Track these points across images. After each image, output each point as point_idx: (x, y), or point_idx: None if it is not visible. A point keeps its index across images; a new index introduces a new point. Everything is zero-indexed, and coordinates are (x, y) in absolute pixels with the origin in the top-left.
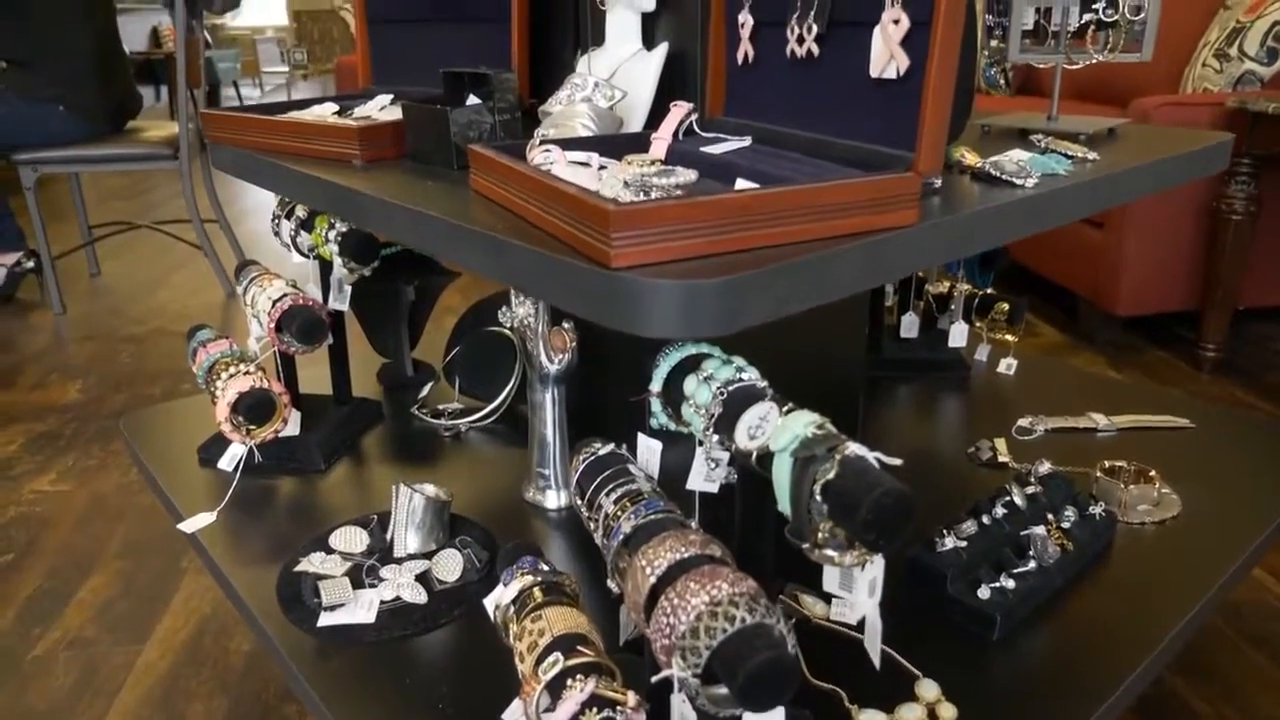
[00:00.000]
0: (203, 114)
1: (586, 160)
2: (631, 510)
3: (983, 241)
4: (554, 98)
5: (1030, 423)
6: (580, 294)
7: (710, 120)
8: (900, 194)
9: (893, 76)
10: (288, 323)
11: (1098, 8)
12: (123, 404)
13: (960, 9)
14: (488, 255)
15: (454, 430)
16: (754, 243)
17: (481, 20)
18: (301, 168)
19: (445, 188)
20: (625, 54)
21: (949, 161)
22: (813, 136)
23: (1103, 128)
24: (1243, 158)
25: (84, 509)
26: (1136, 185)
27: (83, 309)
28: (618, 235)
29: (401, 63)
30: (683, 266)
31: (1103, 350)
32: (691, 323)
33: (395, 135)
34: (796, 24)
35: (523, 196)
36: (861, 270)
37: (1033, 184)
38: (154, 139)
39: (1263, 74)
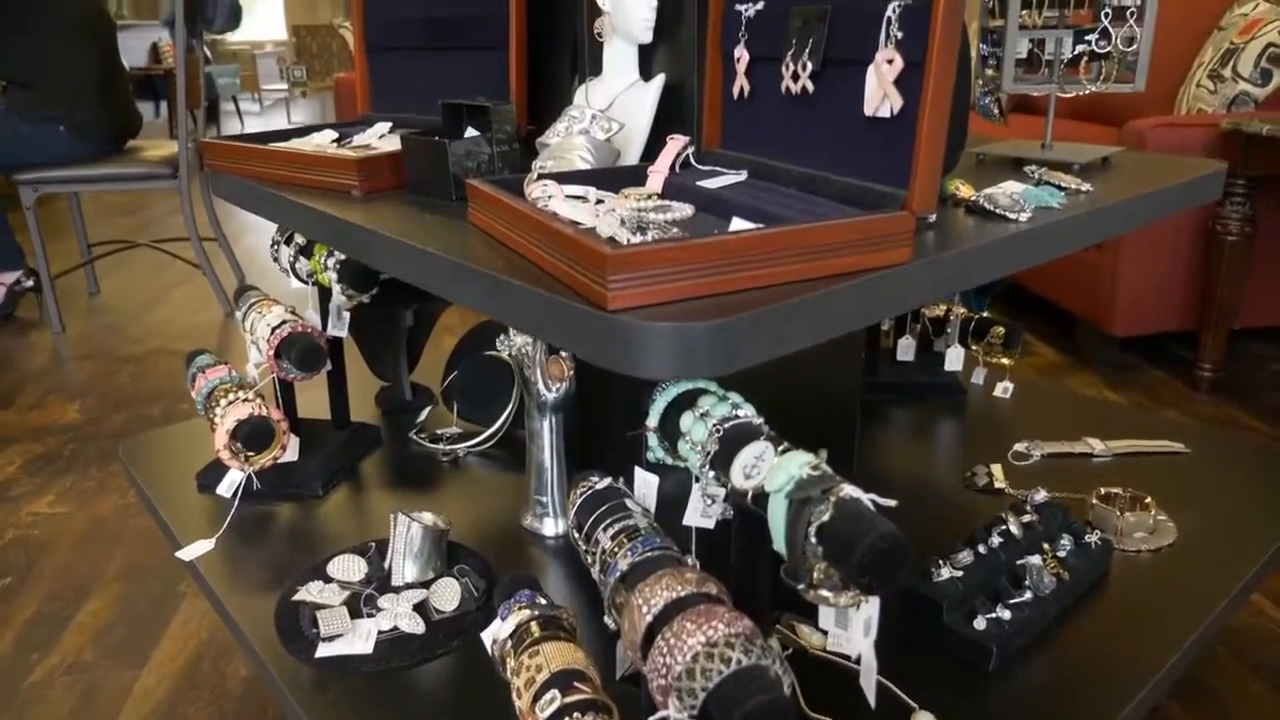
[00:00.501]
0: (203, 143)
1: (584, 194)
2: (628, 546)
3: (977, 277)
4: (552, 129)
5: (1026, 448)
6: (577, 334)
7: (706, 153)
8: (894, 233)
9: (886, 115)
10: (286, 350)
11: (1091, 39)
12: (122, 424)
13: (953, 51)
14: (486, 293)
15: (452, 455)
16: (749, 283)
17: (480, 49)
18: (301, 198)
19: (444, 221)
20: (622, 85)
21: (943, 194)
22: (808, 172)
23: (1096, 157)
24: (1237, 179)
25: (82, 531)
26: (1130, 218)
27: (81, 328)
28: (615, 278)
29: (400, 89)
30: (679, 308)
31: (1100, 370)
32: (687, 365)
33: (394, 166)
34: (791, 61)
35: (521, 234)
36: (855, 309)
37: (1026, 218)
38: (153, 159)
39: (1257, 95)
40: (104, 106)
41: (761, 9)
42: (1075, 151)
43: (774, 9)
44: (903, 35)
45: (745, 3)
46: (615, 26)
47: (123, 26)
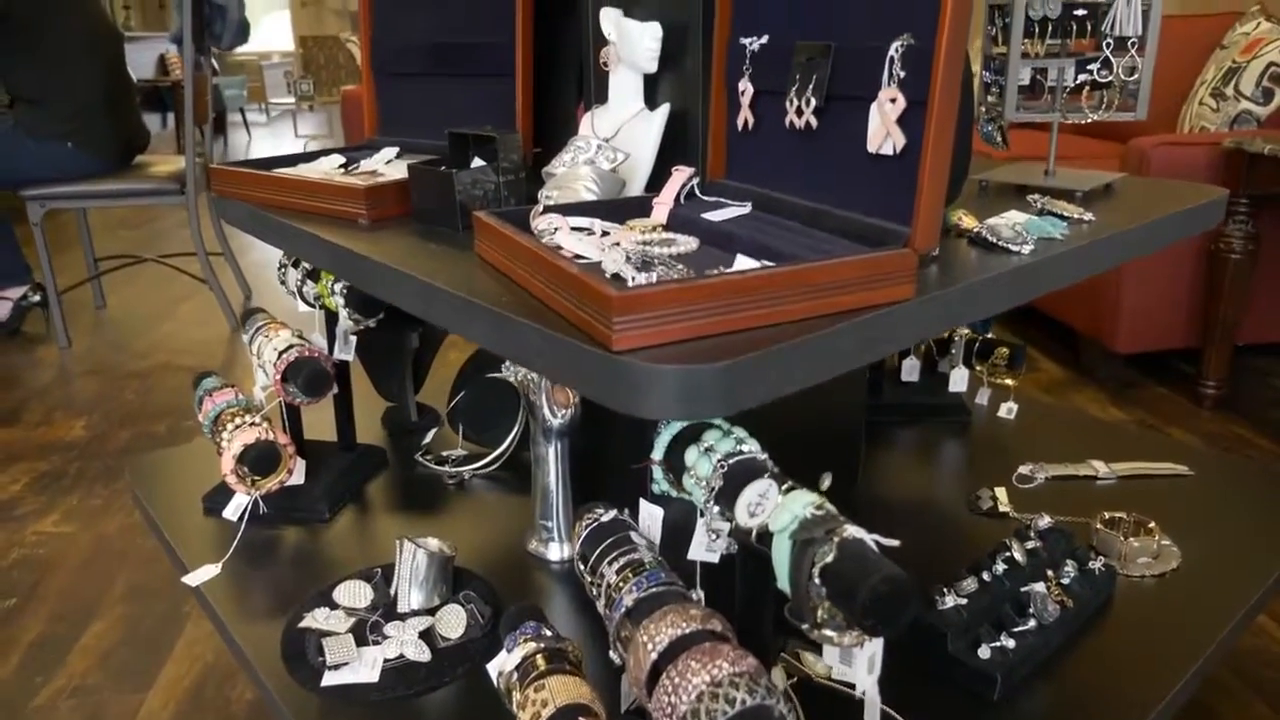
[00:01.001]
0: (210, 169)
1: (589, 226)
2: (634, 581)
3: (979, 311)
4: (558, 159)
5: (1030, 470)
6: (582, 374)
7: (711, 183)
8: (897, 271)
9: (890, 153)
10: (293, 374)
11: (1093, 68)
12: (127, 441)
13: (955, 91)
14: (491, 330)
15: (458, 478)
16: (753, 322)
17: (486, 76)
18: (308, 226)
19: (450, 252)
20: (628, 113)
21: (946, 224)
22: (811, 206)
23: (1099, 184)
24: (1240, 197)
25: (87, 551)
26: (1132, 247)
27: (87, 342)
28: (620, 319)
29: (407, 113)
30: (683, 349)
31: (1104, 386)
32: (692, 407)
33: (400, 194)
34: (795, 96)
35: (527, 270)
36: (858, 347)
37: (1029, 250)
38: (161, 174)
39: (1259, 113)
40: (111, 122)
41: (766, 43)
42: (1077, 179)
43: (778, 44)
44: (905, 74)
45: (749, 36)
46: (621, 56)
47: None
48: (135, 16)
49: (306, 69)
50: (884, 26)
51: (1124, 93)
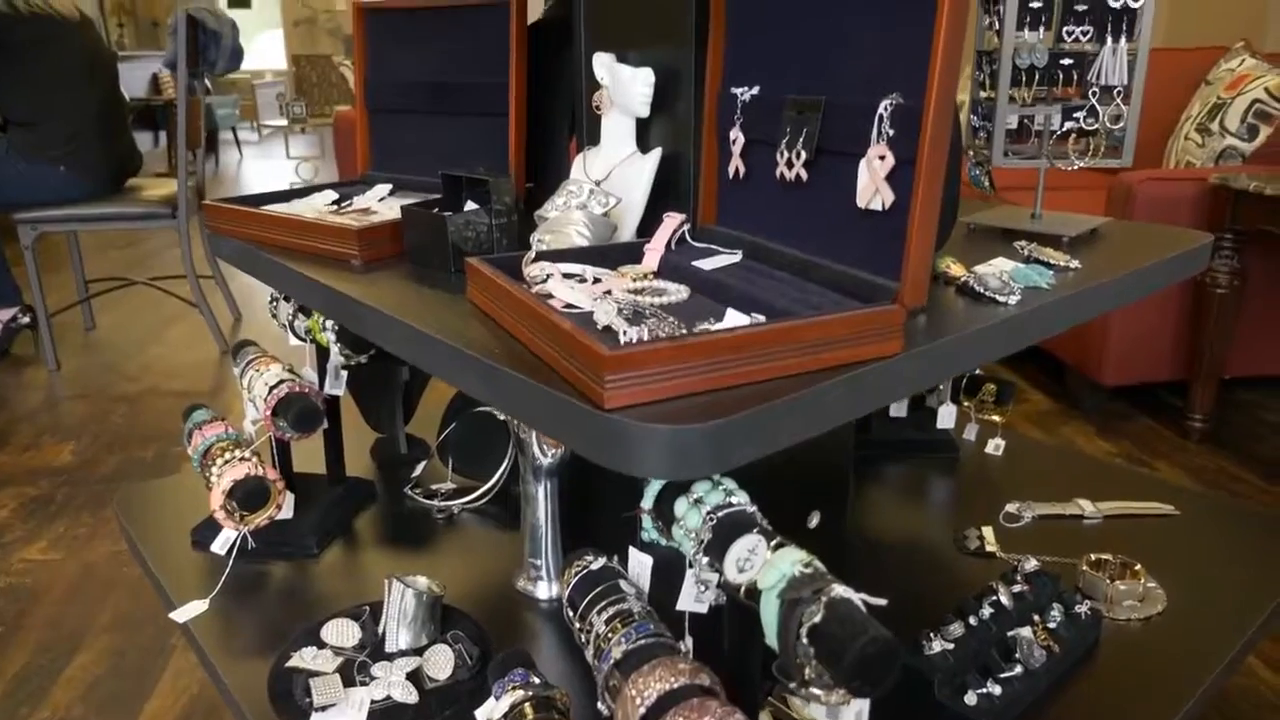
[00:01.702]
0: (205, 205)
1: (581, 273)
2: (622, 633)
3: (966, 364)
4: (550, 202)
5: (1018, 509)
6: (573, 430)
7: (702, 229)
8: (886, 327)
9: (879, 209)
10: (284, 410)
11: (1079, 116)
12: (115, 467)
13: (943, 150)
14: (483, 381)
15: (446, 512)
16: (743, 379)
17: (480, 115)
18: (302, 266)
19: (442, 297)
20: (620, 156)
21: (934, 272)
22: (801, 256)
23: (1085, 228)
24: (1225, 233)
25: (74, 580)
26: (1117, 295)
27: (77, 365)
28: (611, 378)
29: (401, 149)
30: (673, 406)
31: (1091, 418)
32: (682, 467)
33: (393, 235)
34: (786, 148)
35: (519, 320)
36: (847, 403)
37: (1015, 301)
38: (153, 198)
39: (1244, 149)
40: (104, 147)
41: (757, 94)
42: (1064, 223)
43: (769, 95)
44: (894, 133)
45: (741, 87)
46: (613, 100)
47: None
48: (129, 34)
49: (299, 88)
50: (874, 84)
51: (1110, 139)
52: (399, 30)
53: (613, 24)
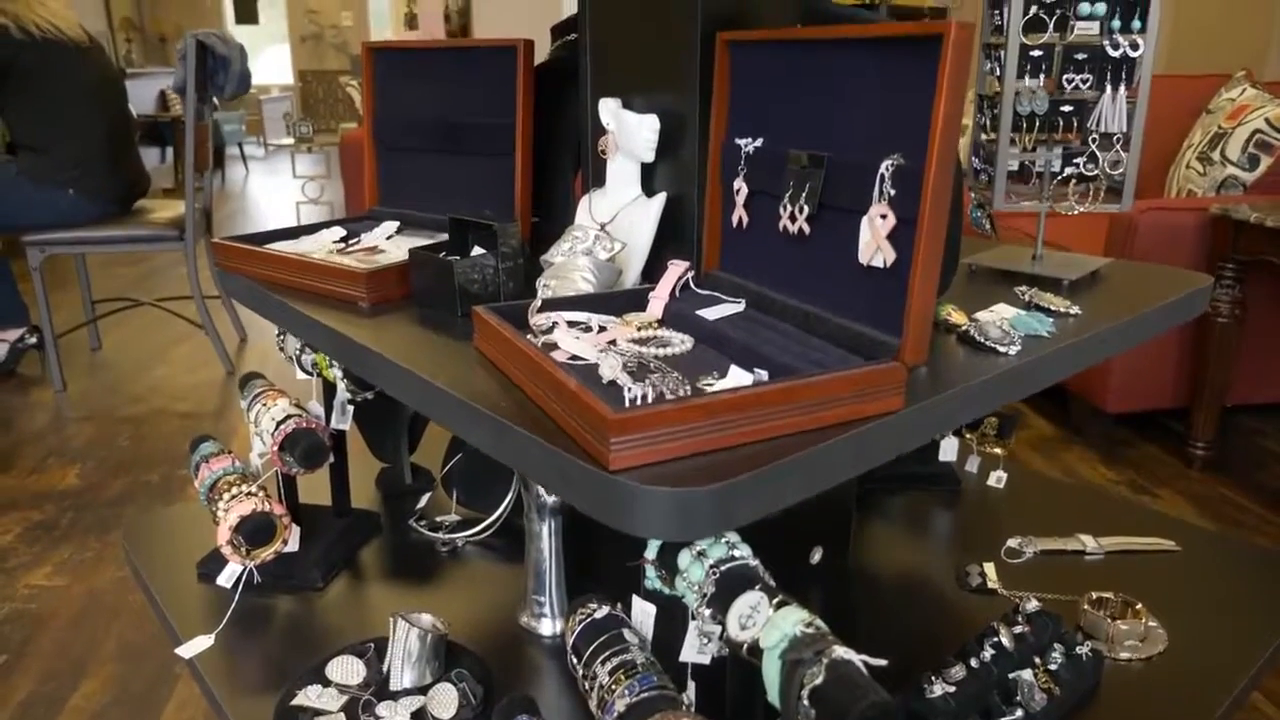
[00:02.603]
0: (214, 244)
1: (586, 322)
2: (625, 685)
3: (967, 416)
4: (556, 247)
5: (1019, 544)
6: (578, 490)
7: (706, 275)
8: (887, 384)
9: (880, 266)
10: (291, 445)
11: (1079, 161)
12: (121, 491)
13: (944, 211)
14: (490, 435)
15: (451, 545)
16: (746, 438)
17: (487, 154)
18: (310, 307)
19: (450, 344)
20: (625, 199)
21: (935, 319)
22: (804, 308)
23: (1085, 271)
24: (1227, 263)
25: (79, 606)
26: (1117, 342)
27: (83, 385)
28: (617, 440)
29: (408, 186)
30: (678, 467)
31: (1094, 445)
32: (686, 528)
33: (401, 277)
34: (789, 202)
35: (526, 374)
36: (849, 461)
37: (1015, 351)
38: (160, 220)
39: (1245, 179)
40: (112, 170)
41: (760, 146)
42: (1064, 264)
43: (773, 148)
44: (895, 192)
45: (745, 138)
46: (619, 145)
47: (132, 74)
48: (136, 50)
49: (305, 103)
50: (875, 143)
51: (1109, 184)
52: (408, 69)
53: (618, 69)
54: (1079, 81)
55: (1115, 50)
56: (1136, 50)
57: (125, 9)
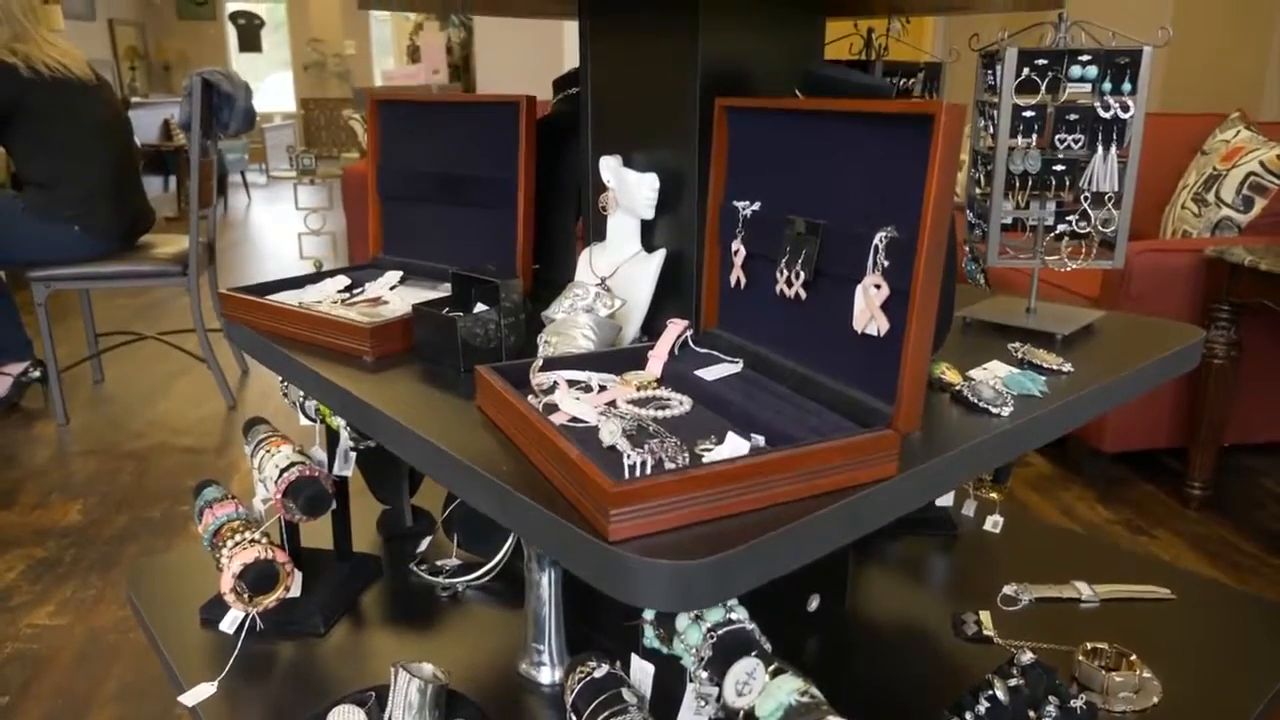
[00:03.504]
0: (221, 294)
1: (586, 381)
2: None
3: (960, 479)
4: (557, 304)
5: (1015, 591)
6: (578, 558)
7: (705, 333)
8: (881, 451)
9: (874, 334)
10: (294, 494)
11: (1071, 219)
12: (123, 527)
13: (936, 282)
14: (493, 500)
15: (451, 590)
16: (743, 507)
17: (489, 206)
18: (315, 360)
19: (453, 402)
20: (625, 254)
21: (930, 378)
22: (800, 371)
23: (1079, 325)
24: (1222, 304)
25: (81, 646)
26: (1109, 399)
27: (85, 419)
28: (617, 512)
29: (411, 235)
30: (676, 538)
31: (1091, 484)
32: (684, 599)
33: (404, 331)
34: (785, 267)
35: (527, 439)
36: (843, 528)
37: (1008, 413)
38: (164, 256)
39: (1239, 220)
40: (118, 206)
41: (758, 210)
42: (1058, 318)
43: (770, 213)
44: (889, 263)
45: (743, 201)
46: (619, 201)
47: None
48: (140, 78)
49: (308, 130)
50: (869, 214)
51: (1102, 242)
52: (412, 121)
53: (619, 125)
54: (1071, 141)
55: (1106, 112)
56: (1127, 112)
57: (130, 38)
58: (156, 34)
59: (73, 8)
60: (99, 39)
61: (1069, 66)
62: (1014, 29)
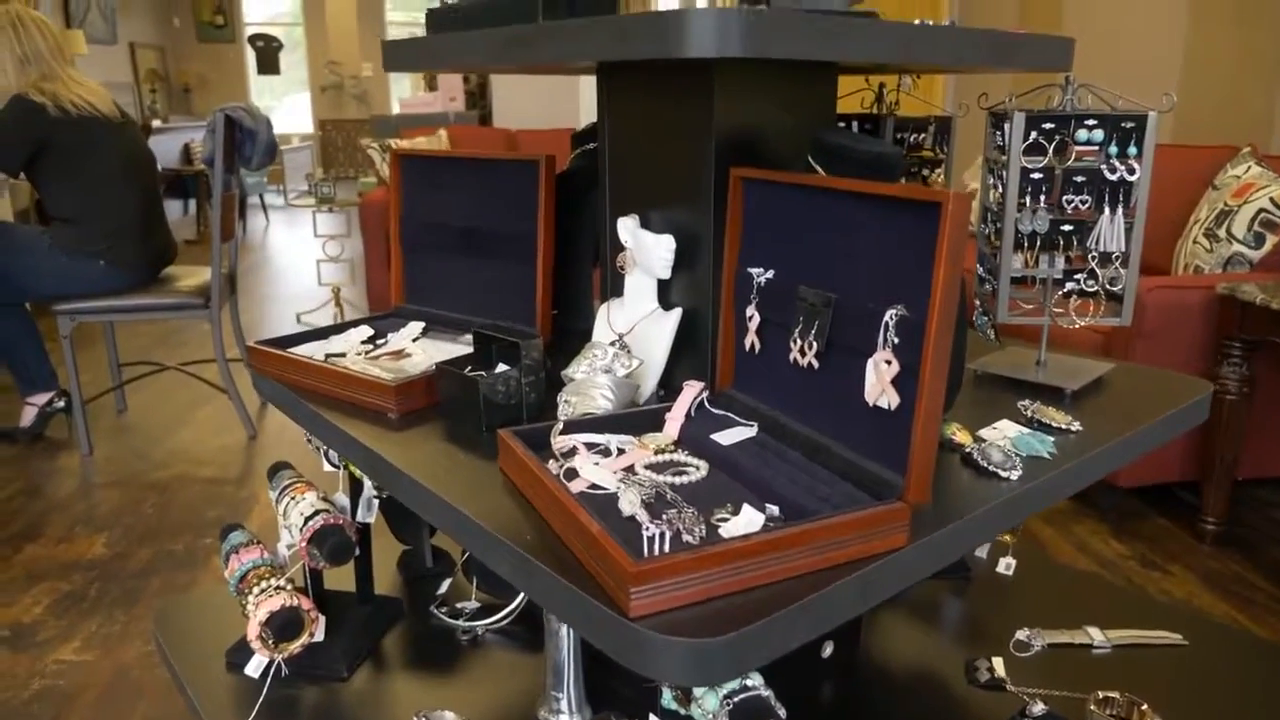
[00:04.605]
0: (249, 348)
1: (605, 444)
2: None
3: (969, 545)
4: (576, 364)
5: (1028, 637)
6: (599, 631)
7: (720, 393)
8: (891, 524)
9: (885, 407)
10: (319, 542)
11: (1079, 278)
12: (146, 561)
13: (945, 359)
14: (516, 568)
15: (471, 633)
16: (758, 581)
17: (509, 259)
18: (340, 418)
19: (476, 464)
20: (642, 312)
21: (940, 439)
22: (813, 438)
23: (1088, 379)
24: (1234, 341)
25: (106, 683)
26: (1117, 459)
27: (108, 450)
28: (637, 590)
29: (433, 286)
30: (694, 613)
31: (1105, 518)
32: (702, 674)
33: (428, 387)
34: (799, 336)
35: (549, 508)
36: (856, 599)
37: (1017, 477)
38: (186, 289)
39: (1251, 256)
40: (142, 240)
41: (772, 278)
42: (1068, 372)
43: (784, 281)
44: (899, 341)
45: (757, 268)
46: (636, 261)
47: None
48: (160, 101)
49: (325, 151)
50: (880, 291)
51: (1110, 299)
52: (433, 176)
53: (637, 184)
54: (1078, 202)
55: (1113, 174)
56: (1133, 174)
57: (150, 60)
58: (177, 57)
59: (95, 32)
60: (120, 62)
61: (1076, 130)
62: (1022, 90)
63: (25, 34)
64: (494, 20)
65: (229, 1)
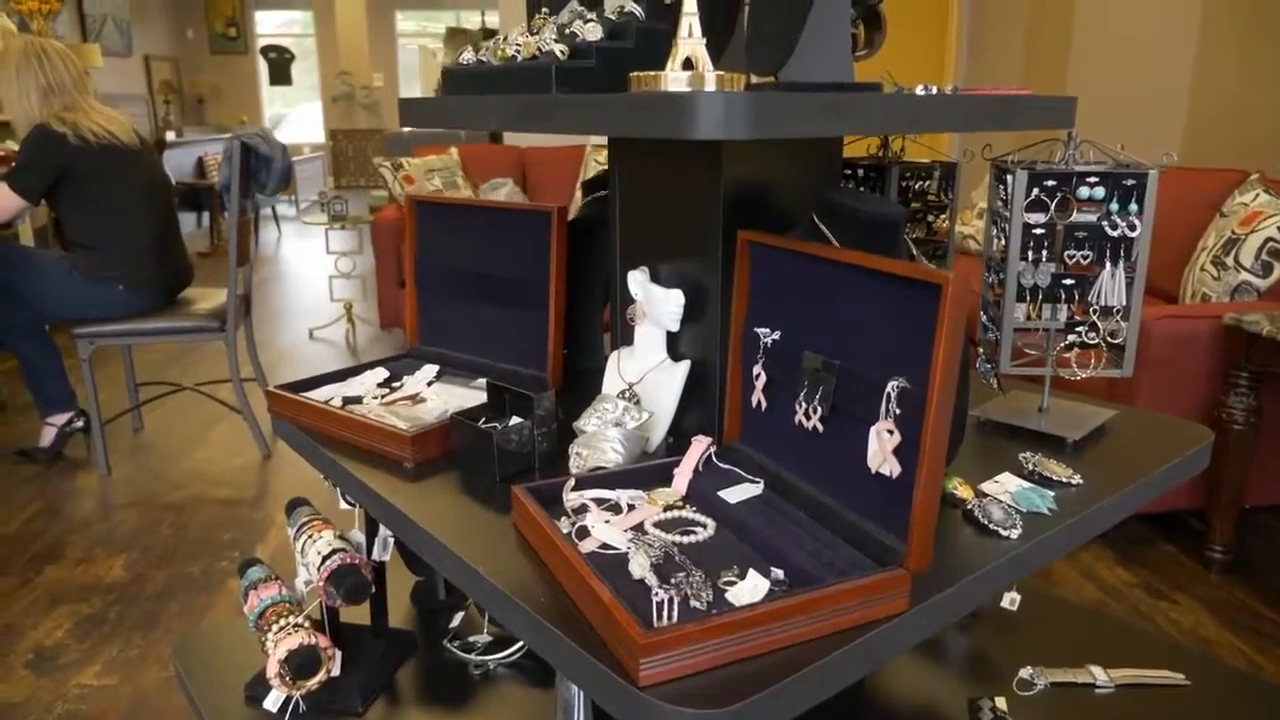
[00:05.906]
0: (267, 392)
1: (614, 499)
2: None
3: (969, 605)
4: (586, 417)
5: (1031, 675)
6: (609, 697)
7: (728, 447)
8: (893, 590)
9: (887, 474)
10: (336, 582)
11: (1080, 330)
12: (164, 583)
13: (945, 431)
14: (530, 629)
15: (484, 668)
16: (764, 648)
17: (520, 305)
18: (356, 466)
19: (490, 520)
20: (652, 363)
21: (942, 494)
22: (817, 498)
23: (1090, 427)
24: (1240, 371)
25: (127, 708)
26: (1116, 513)
27: (126, 470)
28: (646, 660)
29: (447, 328)
30: (702, 682)
31: (1112, 544)
32: None
33: (443, 436)
34: (804, 399)
35: (561, 569)
36: (858, 664)
37: (1017, 535)
38: (203, 311)
39: (1259, 285)
40: (160, 264)
41: (778, 340)
42: (1070, 420)
43: (790, 344)
44: (900, 412)
45: (764, 328)
46: (646, 313)
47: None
48: (174, 112)
49: (336, 160)
50: (882, 361)
51: (1111, 351)
52: (449, 221)
53: (647, 237)
54: (1080, 257)
55: (1114, 230)
56: (1134, 231)
57: (165, 72)
58: (190, 68)
59: (110, 45)
60: (135, 74)
61: (1078, 187)
62: (1026, 142)
63: (50, 65)
64: (510, 86)
65: (241, 13)
